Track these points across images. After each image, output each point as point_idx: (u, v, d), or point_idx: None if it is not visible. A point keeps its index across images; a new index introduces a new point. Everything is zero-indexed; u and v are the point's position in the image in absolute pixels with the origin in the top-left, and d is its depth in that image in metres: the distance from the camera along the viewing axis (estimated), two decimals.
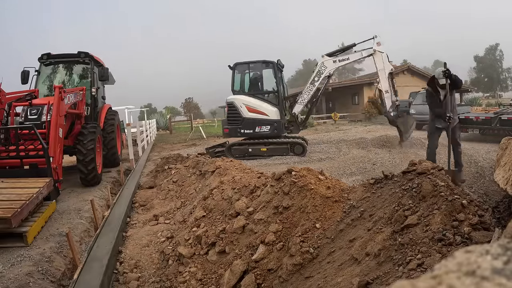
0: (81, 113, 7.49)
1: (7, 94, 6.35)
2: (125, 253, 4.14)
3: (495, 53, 50.48)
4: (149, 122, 17.57)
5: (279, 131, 10.02)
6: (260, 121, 9.98)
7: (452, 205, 2.13)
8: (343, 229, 2.76)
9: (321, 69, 9.80)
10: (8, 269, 3.33)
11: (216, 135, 19.26)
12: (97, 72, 8.36)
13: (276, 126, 9.94)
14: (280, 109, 10.12)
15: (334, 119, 22.96)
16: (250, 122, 9.99)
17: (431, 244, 1.94)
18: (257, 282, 2.89)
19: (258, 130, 9.98)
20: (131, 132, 10.60)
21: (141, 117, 27.51)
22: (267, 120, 9.96)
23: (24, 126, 5.61)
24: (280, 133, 10.10)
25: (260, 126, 9.98)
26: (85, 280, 3.16)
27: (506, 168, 1.61)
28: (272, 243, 3.09)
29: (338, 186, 3.47)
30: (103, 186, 6.75)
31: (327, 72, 9.81)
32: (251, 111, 9.99)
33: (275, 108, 10.09)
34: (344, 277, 2.17)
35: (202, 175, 5.88)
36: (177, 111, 50.12)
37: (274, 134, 9.97)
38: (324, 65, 9.77)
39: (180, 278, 3.45)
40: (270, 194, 3.62)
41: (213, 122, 36.86)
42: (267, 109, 9.99)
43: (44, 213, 4.51)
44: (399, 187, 2.66)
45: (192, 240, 3.88)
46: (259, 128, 9.97)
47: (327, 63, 9.76)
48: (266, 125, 9.97)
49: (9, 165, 5.43)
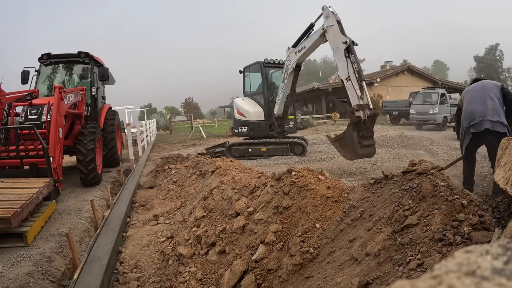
0: (81, 113, 7.49)
1: (7, 94, 6.36)
2: (125, 253, 4.14)
3: (495, 53, 50.50)
4: (149, 122, 17.57)
5: (259, 132, 10.24)
6: (241, 122, 10.62)
7: (452, 205, 2.13)
8: (343, 229, 2.76)
9: (287, 63, 8.89)
10: (8, 269, 3.34)
11: (216, 135, 19.26)
12: (97, 72, 8.37)
13: (253, 127, 10.29)
14: (265, 109, 10.27)
15: (334, 119, 22.96)
16: (237, 123, 10.78)
17: (431, 244, 1.93)
18: (257, 282, 2.89)
19: (240, 131, 10.72)
20: (131, 132, 10.62)
21: (141, 117, 27.48)
22: (246, 121, 10.47)
23: (24, 126, 5.61)
24: (262, 133, 10.24)
25: (241, 127, 10.62)
26: (85, 280, 3.16)
27: (506, 168, 1.61)
28: (272, 243, 3.09)
29: (338, 186, 3.47)
30: (103, 186, 6.75)
31: (293, 64, 8.68)
32: (238, 113, 10.73)
33: (259, 109, 10.35)
34: (344, 277, 2.17)
35: (202, 175, 5.88)
36: (177, 111, 50.06)
37: (252, 135, 10.37)
38: (289, 58, 8.75)
39: (180, 278, 3.45)
40: (270, 194, 3.62)
41: (213, 122, 36.85)
42: (247, 111, 10.44)
43: (44, 213, 4.51)
44: (399, 187, 2.66)
45: (192, 240, 3.88)
46: (240, 129, 10.65)
47: (291, 55, 8.64)
48: (245, 125, 10.51)
49: (9, 165, 5.43)
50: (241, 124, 10.62)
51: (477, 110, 4.15)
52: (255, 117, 10.27)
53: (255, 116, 10.27)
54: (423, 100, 16.15)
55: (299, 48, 8.25)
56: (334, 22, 6.68)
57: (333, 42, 6.76)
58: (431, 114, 15.33)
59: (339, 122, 22.69)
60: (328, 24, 6.83)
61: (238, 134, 10.98)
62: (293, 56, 8.50)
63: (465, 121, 4.28)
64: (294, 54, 8.46)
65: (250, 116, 10.34)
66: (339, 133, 6.10)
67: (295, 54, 8.40)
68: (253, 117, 10.28)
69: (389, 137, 10.89)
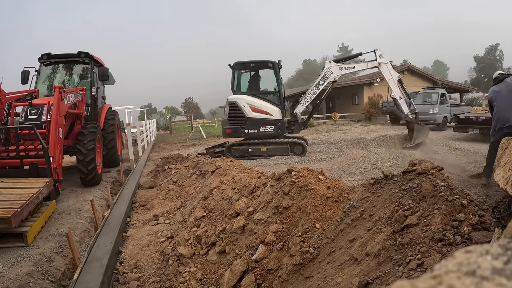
0: (81, 113, 7.49)
1: (7, 94, 6.36)
2: (125, 253, 4.14)
3: (495, 53, 50.49)
4: (149, 122, 17.56)
5: (282, 131, 10.18)
6: (264, 121, 9.98)
7: (452, 205, 2.13)
8: (343, 229, 2.76)
9: (327, 73, 10.27)
10: (8, 269, 3.34)
11: (216, 135, 19.26)
12: (97, 72, 8.36)
13: (280, 126, 10.12)
14: (281, 109, 10.25)
15: (334, 119, 22.96)
16: (254, 122, 9.95)
17: (431, 244, 1.94)
18: (257, 282, 2.89)
19: (263, 130, 10.01)
20: (131, 132, 10.61)
21: (141, 117, 27.50)
22: (272, 120, 10.01)
23: (24, 126, 5.61)
24: (282, 133, 10.24)
25: (265, 126, 10.01)
26: (85, 280, 3.16)
27: (506, 168, 1.61)
28: (272, 243, 3.09)
29: (338, 186, 3.47)
30: (103, 186, 6.75)
31: (333, 77, 10.31)
32: (255, 110, 9.96)
33: (278, 108, 10.22)
34: (344, 277, 2.17)
35: (202, 175, 5.88)
36: (177, 111, 50.05)
37: (277, 134, 10.08)
38: (331, 71, 10.25)
39: (180, 278, 3.45)
40: (270, 194, 3.62)
41: (213, 122, 36.87)
42: (272, 109, 10.07)
43: (44, 213, 4.51)
44: (399, 187, 2.66)
45: (192, 240, 3.88)
46: (264, 128, 9.99)
47: (333, 68, 10.26)
48: (270, 124, 10.02)
49: (9, 165, 5.43)
50: (264, 123, 10.14)
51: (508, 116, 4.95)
52: (279, 115, 10.22)
53: (279, 115, 10.22)
54: (423, 100, 16.14)
55: (346, 66, 10.44)
56: (387, 61, 10.28)
57: (387, 75, 10.24)
58: (431, 114, 15.32)
59: (339, 122, 22.71)
60: (383, 62, 10.16)
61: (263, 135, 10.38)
62: (337, 70, 10.29)
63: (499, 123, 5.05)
64: (338, 69, 10.28)
65: (276, 114, 10.15)
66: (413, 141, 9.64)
67: (340, 69, 10.31)
68: (277, 116, 10.18)
69: (389, 137, 10.90)
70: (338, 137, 13.13)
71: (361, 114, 23.45)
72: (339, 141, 11.92)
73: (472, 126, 10.73)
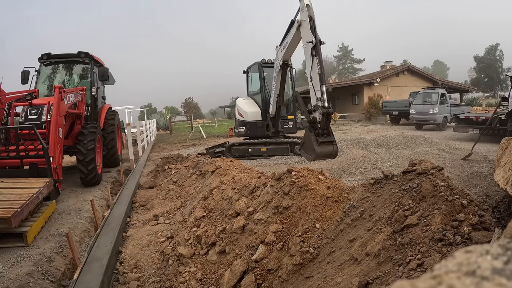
0: (81, 113, 7.49)
1: (7, 94, 6.36)
2: (125, 253, 4.14)
3: (495, 53, 50.48)
4: (149, 122, 17.56)
5: (255, 132, 10.41)
6: (239, 122, 10.92)
7: (452, 205, 2.13)
8: (343, 229, 2.76)
9: (276, 61, 8.70)
10: (8, 269, 3.34)
11: (216, 135, 19.26)
12: (97, 72, 8.37)
13: (250, 127, 10.45)
14: (262, 109, 10.42)
15: (334, 119, 22.94)
16: (237, 123, 11.18)
17: (431, 244, 1.94)
18: (257, 282, 2.89)
19: (237, 131, 11.13)
20: (131, 132, 10.61)
21: (141, 117, 27.48)
22: (243, 121, 10.69)
23: (24, 126, 5.61)
24: (258, 133, 10.38)
25: (239, 127, 10.96)
26: (85, 280, 3.16)
27: (506, 168, 1.61)
28: (272, 243, 3.09)
29: (338, 186, 3.47)
30: (103, 186, 6.75)
31: (280, 63, 8.45)
32: (238, 113, 10.99)
33: (257, 109, 10.50)
34: (344, 277, 2.17)
35: (202, 175, 5.88)
36: (177, 111, 50.05)
37: (249, 134, 10.55)
38: (277, 57, 8.57)
39: (180, 278, 3.45)
40: (270, 194, 3.62)
41: (213, 122, 36.86)
42: (244, 111, 10.63)
43: (44, 213, 4.51)
44: (399, 187, 2.66)
45: (192, 240, 3.88)
46: (239, 129, 10.93)
47: (278, 53, 8.47)
48: (242, 126, 10.75)
49: (9, 165, 5.43)
50: (240, 124, 10.87)
51: None
52: (252, 117, 10.43)
53: (252, 117, 10.43)
54: (423, 100, 16.14)
55: (283, 45, 7.97)
56: (306, 17, 6.19)
57: (304, 38, 6.37)
58: (431, 114, 15.32)
59: (339, 122, 22.70)
60: (302, 18, 6.39)
61: (238, 134, 11.24)
62: (280, 54, 8.26)
63: None
64: (280, 52, 8.22)
65: (247, 116, 10.51)
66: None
67: (281, 52, 8.13)
68: (250, 117, 10.45)
69: (389, 137, 10.89)
70: (338, 137, 13.10)
71: (361, 114, 23.46)
72: (339, 141, 11.88)
73: (472, 126, 10.73)
